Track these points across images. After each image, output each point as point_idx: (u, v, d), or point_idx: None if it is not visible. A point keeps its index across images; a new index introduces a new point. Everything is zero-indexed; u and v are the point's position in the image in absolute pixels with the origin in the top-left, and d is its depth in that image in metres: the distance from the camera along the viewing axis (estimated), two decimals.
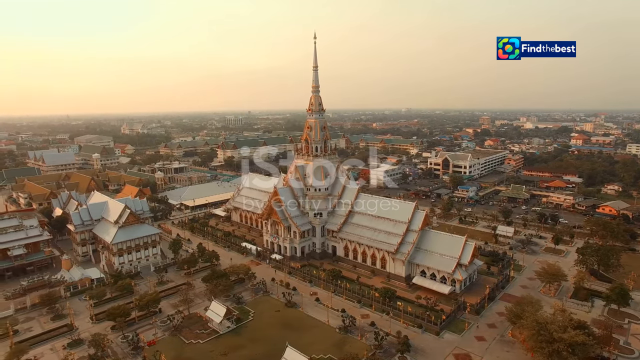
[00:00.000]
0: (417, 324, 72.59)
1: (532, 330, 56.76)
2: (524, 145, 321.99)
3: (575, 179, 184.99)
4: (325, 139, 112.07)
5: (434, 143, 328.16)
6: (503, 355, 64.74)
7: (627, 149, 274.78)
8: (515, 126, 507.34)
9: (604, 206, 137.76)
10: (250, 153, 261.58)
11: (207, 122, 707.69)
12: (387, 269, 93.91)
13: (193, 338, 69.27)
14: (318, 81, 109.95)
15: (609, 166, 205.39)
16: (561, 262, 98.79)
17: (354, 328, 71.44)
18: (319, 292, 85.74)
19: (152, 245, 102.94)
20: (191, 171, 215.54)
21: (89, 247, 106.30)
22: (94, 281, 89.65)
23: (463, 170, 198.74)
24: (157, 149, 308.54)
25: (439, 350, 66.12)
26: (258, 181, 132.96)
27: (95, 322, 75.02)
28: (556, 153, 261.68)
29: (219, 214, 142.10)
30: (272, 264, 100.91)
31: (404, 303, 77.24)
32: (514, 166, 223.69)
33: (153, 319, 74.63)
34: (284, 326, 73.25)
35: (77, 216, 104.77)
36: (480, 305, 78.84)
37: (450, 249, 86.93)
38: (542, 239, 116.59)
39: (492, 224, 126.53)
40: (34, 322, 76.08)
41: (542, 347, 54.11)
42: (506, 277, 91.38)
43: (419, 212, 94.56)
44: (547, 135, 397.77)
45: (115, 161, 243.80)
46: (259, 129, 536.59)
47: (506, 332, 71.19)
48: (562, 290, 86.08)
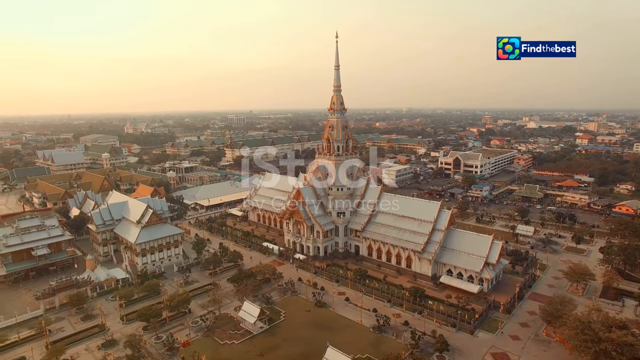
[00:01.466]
0: (450, 323, 72.51)
1: (575, 329, 56.65)
2: (530, 144, 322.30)
3: (586, 178, 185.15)
4: (347, 139, 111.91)
5: (441, 142, 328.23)
6: (540, 355, 64.65)
7: (634, 149, 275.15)
8: (518, 125, 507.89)
9: (620, 205, 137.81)
10: (259, 153, 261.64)
11: (210, 121, 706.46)
12: (412, 268, 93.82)
13: (227, 339, 68.98)
14: (339, 80, 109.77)
15: (619, 165, 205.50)
16: (584, 261, 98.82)
17: (388, 327, 71.33)
18: (346, 292, 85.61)
19: (174, 245, 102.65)
20: (201, 171, 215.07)
21: (110, 247, 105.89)
22: (119, 281, 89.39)
23: (474, 169, 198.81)
24: (163, 149, 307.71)
25: (475, 350, 66.05)
26: (276, 181, 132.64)
27: (125, 323, 74.71)
28: (564, 152, 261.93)
29: (236, 213, 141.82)
30: (296, 263, 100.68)
31: (434, 302, 77.30)
32: (523, 166, 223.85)
33: (187, 320, 74.34)
34: (316, 326, 73.09)
35: (98, 216, 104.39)
36: (511, 304, 78.78)
37: (478, 248, 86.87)
38: (561, 238, 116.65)
39: (509, 224, 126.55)
40: (65, 322, 75.78)
41: (587, 347, 53.97)
42: (532, 276, 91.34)
43: (445, 212, 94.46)
44: (551, 134, 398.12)
45: (124, 161, 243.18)
46: (262, 129, 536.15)
47: (540, 331, 71.17)
48: (589, 290, 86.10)
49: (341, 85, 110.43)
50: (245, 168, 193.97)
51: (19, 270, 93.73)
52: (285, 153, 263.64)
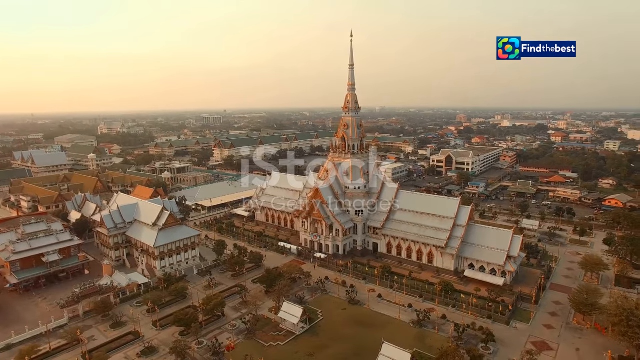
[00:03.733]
0: (485, 315, 74.70)
1: (619, 316, 59.73)
2: (508, 142, 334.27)
3: (570, 174, 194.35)
4: (362, 137, 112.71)
5: (425, 141, 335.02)
6: (577, 342, 67.61)
7: (605, 146, 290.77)
8: (493, 124, 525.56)
9: (610, 199, 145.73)
10: (249, 152, 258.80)
11: (184, 120, 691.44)
12: (434, 263, 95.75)
13: (271, 340, 68.20)
14: (354, 79, 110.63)
15: (597, 162, 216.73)
16: (589, 252, 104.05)
17: (428, 322, 72.66)
18: (375, 289, 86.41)
19: (191, 247, 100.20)
20: (193, 171, 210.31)
21: (122, 251, 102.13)
22: (141, 286, 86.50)
23: (466, 167, 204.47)
24: (146, 149, 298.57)
25: (515, 339, 68.36)
26: (283, 180, 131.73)
27: (159, 329, 72.43)
28: (544, 150, 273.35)
29: (242, 213, 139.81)
30: (318, 262, 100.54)
31: (466, 296, 79.40)
32: (510, 163, 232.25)
33: (224, 323, 72.92)
34: (356, 324, 73.44)
35: (109, 219, 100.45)
36: (537, 295, 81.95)
37: (499, 242, 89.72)
38: (562, 232, 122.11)
39: (511, 219, 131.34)
40: (94, 330, 72.62)
41: (635, 333, 57.11)
42: (549, 268, 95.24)
43: (464, 208, 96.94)
44: (525, 132, 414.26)
45: (109, 162, 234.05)
46: (241, 128, 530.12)
47: (570, 319, 74.48)
48: (603, 279, 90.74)
49: (355, 83, 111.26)
50: (245, 168, 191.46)
51: (28, 279, 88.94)
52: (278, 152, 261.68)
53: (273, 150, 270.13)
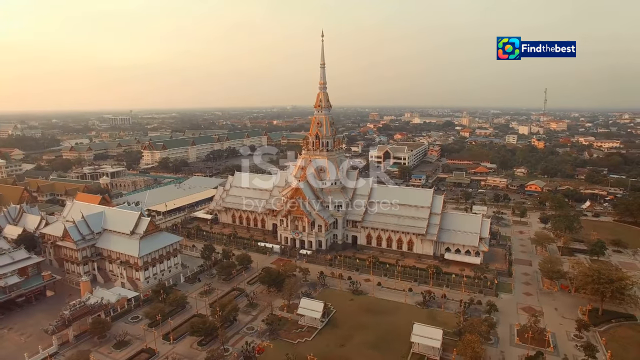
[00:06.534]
0: (476, 291, 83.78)
1: (591, 277, 72.41)
2: (426, 138, 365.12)
3: (490, 165, 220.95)
4: (334, 134, 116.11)
5: (351, 138, 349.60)
6: (553, 303, 79.96)
7: (507, 140, 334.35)
8: (405, 121, 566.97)
9: (530, 185, 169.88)
10: (182, 154, 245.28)
11: (85, 122, 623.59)
12: (414, 250, 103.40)
13: (297, 337, 68.44)
14: (325, 78, 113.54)
15: (507, 153, 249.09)
16: (530, 230, 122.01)
17: (432, 302, 79.22)
18: (371, 278, 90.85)
19: (173, 254, 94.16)
20: (128, 175, 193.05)
21: (93, 265, 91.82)
22: (132, 300, 79.43)
23: (402, 161, 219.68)
24: (57, 153, 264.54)
25: (506, 307, 78.12)
26: (251, 180, 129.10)
27: (173, 342, 67.84)
28: (460, 144, 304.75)
29: (203, 216, 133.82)
30: (305, 258, 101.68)
31: (455, 276, 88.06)
32: (437, 156, 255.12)
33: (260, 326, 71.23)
34: (368, 312, 76.97)
35: (74, 230, 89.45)
36: (509, 270, 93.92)
37: (471, 226, 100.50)
38: (503, 214, 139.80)
39: (459, 206, 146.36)
40: (96, 354, 64.89)
41: (605, 287, 69.95)
42: (509, 246, 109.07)
43: (438, 197, 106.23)
44: (436, 129, 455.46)
45: (18, 168, 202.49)
46: (155, 129, 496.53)
47: (540, 286, 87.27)
48: (550, 251, 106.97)
49: (326, 83, 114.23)
50: (174, 170, 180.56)
51: None
52: (211, 152, 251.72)
53: (206, 151, 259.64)
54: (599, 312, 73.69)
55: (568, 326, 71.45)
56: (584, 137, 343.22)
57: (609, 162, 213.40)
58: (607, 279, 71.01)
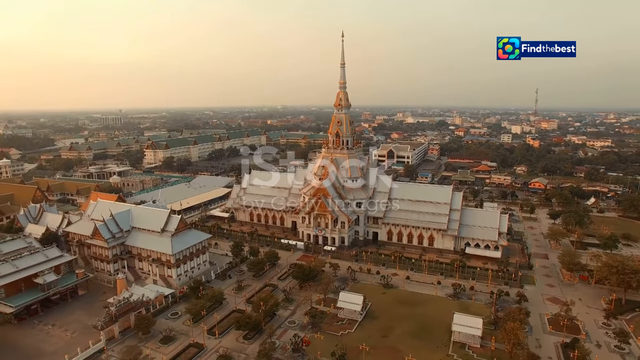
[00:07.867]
0: (502, 283, 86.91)
1: (616, 267, 76.01)
2: (423, 137, 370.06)
3: (490, 163, 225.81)
4: (354, 133, 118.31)
5: None
6: (575, 293, 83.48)
7: (502, 139, 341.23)
8: (399, 121, 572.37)
9: (534, 182, 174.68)
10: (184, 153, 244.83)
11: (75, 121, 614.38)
12: (435, 245, 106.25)
13: (340, 330, 70.41)
14: (345, 77, 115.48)
15: (505, 152, 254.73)
16: (540, 225, 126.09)
17: (462, 294, 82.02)
18: (398, 272, 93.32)
19: (202, 252, 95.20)
20: (134, 174, 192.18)
21: (122, 262, 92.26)
22: (169, 297, 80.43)
23: (405, 160, 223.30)
24: (55, 153, 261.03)
25: (533, 298, 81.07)
26: (269, 178, 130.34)
27: (218, 337, 69.12)
28: (457, 143, 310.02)
29: (219, 214, 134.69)
30: (331, 254, 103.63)
31: (480, 270, 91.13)
32: (437, 155, 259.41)
33: (305, 319, 72.99)
34: (402, 304, 79.34)
35: (104, 229, 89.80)
36: (529, 263, 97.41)
37: (491, 221, 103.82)
38: (512, 211, 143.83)
39: (468, 203, 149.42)
40: (146, 350, 65.92)
41: (631, 277, 73.59)
42: (523, 241, 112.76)
43: (457, 193, 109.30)
44: (430, 128, 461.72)
45: (21, 168, 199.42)
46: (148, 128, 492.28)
47: (561, 277, 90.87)
48: (563, 244, 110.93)
49: (346, 82, 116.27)
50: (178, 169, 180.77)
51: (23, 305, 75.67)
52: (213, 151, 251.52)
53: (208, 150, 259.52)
54: (622, 302, 77.44)
55: (594, 315, 75.00)
56: (576, 137, 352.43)
57: (604, 160, 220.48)
58: (631, 270, 74.68)
